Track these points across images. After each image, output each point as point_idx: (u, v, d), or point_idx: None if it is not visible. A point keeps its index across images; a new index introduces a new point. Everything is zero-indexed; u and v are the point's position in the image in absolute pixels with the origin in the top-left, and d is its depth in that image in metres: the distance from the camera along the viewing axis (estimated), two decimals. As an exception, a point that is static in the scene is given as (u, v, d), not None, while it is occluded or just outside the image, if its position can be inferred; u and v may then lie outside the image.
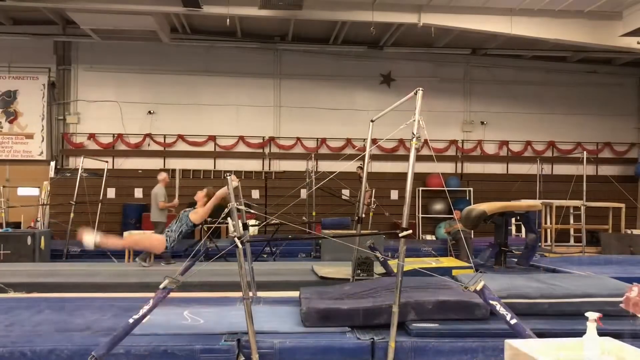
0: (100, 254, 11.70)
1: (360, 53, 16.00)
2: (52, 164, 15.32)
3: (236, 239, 4.56)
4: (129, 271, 8.75)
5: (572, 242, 14.53)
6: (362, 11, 11.94)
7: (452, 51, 15.89)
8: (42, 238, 10.84)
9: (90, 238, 5.76)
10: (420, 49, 15.77)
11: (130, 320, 4.23)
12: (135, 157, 15.73)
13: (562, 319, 5.03)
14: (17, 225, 13.83)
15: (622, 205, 13.24)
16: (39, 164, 15.36)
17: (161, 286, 4.42)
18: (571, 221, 14.42)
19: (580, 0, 11.30)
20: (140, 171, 15.60)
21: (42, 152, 15.37)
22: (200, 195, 6.09)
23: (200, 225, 10.71)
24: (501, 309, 4.10)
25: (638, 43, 12.06)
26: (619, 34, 11.78)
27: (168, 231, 5.99)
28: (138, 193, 15.47)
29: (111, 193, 15.02)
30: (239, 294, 5.08)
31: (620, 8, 11.51)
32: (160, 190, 11.28)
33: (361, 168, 13.84)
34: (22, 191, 15.20)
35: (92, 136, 15.59)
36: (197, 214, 5.96)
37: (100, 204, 12.94)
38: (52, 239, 12.14)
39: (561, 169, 16.55)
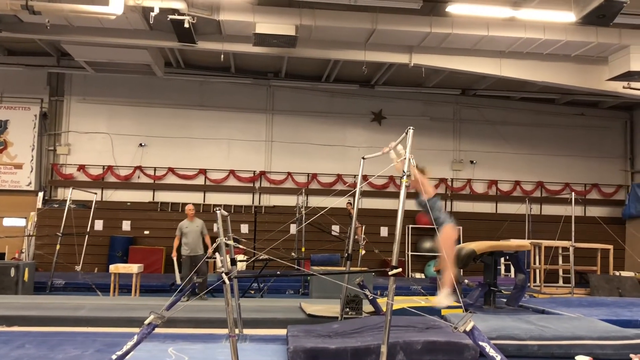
0: (85, 287, 11.54)
1: (352, 91, 16.20)
2: (40, 194, 15.20)
3: (224, 274, 4.51)
4: (113, 305, 8.59)
5: (561, 282, 14.50)
6: (354, 50, 12.13)
7: (442, 91, 16.13)
8: (26, 270, 10.65)
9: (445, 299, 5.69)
10: (410, 88, 16.00)
11: (114, 357, 4.14)
12: (125, 190, 15.65)
13: (552, 362, 4.99)
14: (0, 256, 13.61)
15: (610, 246, 13.28)
16: (27, 194, 15.22)
17: (146, 322, 4.34)
18: (560, 262, 14.43)
19: (567, 45, 11.57)
20: (128, 203, 15.52)
21: (30, 183, 15.25)
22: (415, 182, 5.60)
23: None
24: (491, 351, 4.05)
25: (624, 87, 12.32)
26: (605, 78, 12.03)
27: (437, 216, 5.75)
28: (126, 225, 15.36)
29: (98, 225, 14.89)
30: (225, 331, 5.00)
31: (606, 53, 11.79)
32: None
33: (351, 204, 13.88)
34: (8, 221, 15.02)
35: (81, 167, 15.53)
36: (427, 192, 5.75)
37: (87, 236, 12.80)
38: (37, 271, 11.95)
39: (550, 210, 16.64)
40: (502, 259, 13.27)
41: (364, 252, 12.78)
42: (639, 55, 11.08)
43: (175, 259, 10.97)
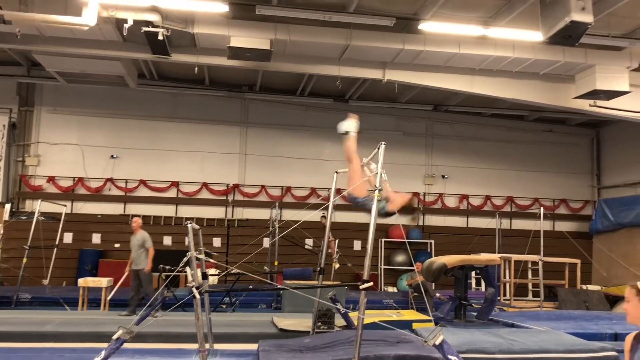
0: (52, 301, 11.28)
1: (326, 105, 16.27)
2: (8, 206, 14.82)
3: (194, 288, 4.49)
4: (81, 320, 8.42)
5: (530, 296, 14.71)
6: (328, 65, 12.23)
7: (415, 106, 16.33)
8: (-9, 284, 10.39)
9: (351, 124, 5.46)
10: (384, 104, 16.17)
11: (80, 373, 4.06)
12: (95, 202, 15.41)
13: (520, 375, 5.06)
14: (-35, 269, 13.22)
15: (578, 261, 13.56)
16: (-7, 206, 14.87)
17: (114, 337, 4.29)
18: (529, 276, 14.66)
19: (535, 63, 11.86)
20: (99, 216, 15.28)
21: (-3, 194, 14.92)
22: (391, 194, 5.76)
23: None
24: (460, 364, 4.10)
25: (590, 105, 12.65)
26: (572, 96, 12.35)
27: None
28: (96, 238, 15.11)
29: (68, 238, 14.61)
30: (195, 346, 4.95)
31: (573, 72, 12.12)
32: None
33: (325, 217, 13.89)
34: (-27, 234, 14.61)
35: (51, 179, 15.25)
36: (393, 204, 5.75)
37: (55, 249, 12.53)
38: (2, 285, 11.67)
39: (519, 224, 16.90)
40: (473, 273, 13.43)
41: (337, 265, 12.77)
42: (604, 74, 11.43)
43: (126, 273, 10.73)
